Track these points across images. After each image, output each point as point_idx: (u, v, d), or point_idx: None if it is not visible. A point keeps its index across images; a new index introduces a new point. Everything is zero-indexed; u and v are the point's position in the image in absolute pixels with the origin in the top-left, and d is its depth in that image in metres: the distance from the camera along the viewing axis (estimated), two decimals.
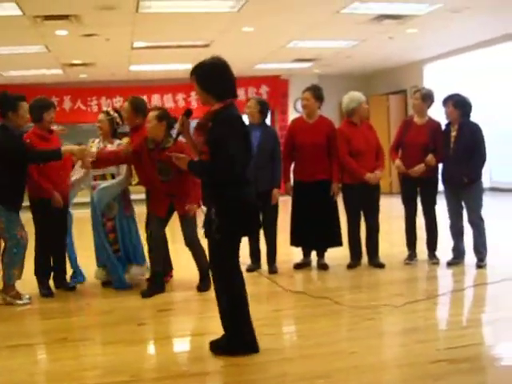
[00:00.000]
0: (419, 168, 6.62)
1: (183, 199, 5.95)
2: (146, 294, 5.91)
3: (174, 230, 6.61)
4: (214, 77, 4.11)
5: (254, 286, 4.30)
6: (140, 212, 6.46)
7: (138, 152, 5.98)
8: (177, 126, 4.17)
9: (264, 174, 6.34)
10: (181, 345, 4.76)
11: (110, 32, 10.09)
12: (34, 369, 4.30)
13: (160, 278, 6.08)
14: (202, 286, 6.07)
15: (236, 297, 4.17)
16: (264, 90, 15.89)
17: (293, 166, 6.88)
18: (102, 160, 6.07)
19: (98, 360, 4.30)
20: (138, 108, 6.33)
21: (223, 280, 4.19)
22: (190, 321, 5.27)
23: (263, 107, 6.71)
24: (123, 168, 6.32)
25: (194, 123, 4.27)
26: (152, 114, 5.91)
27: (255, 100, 6.84)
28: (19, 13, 8.60)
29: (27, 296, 5.90)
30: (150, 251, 6.10)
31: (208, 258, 4.34)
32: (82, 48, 11.42)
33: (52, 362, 4.35)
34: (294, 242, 6.94)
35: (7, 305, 5.77)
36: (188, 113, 4.29)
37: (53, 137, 6.30)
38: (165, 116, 5.93)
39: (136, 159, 6.03)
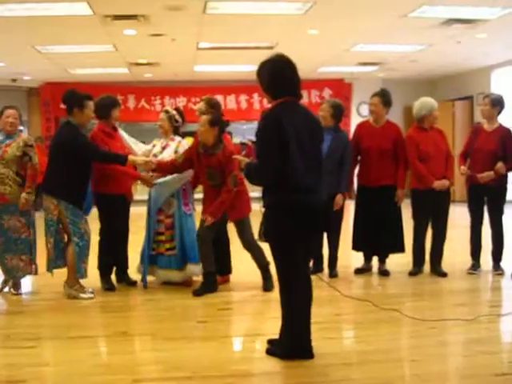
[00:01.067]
0: (488, 175, 6.46)
1: (232, 205, 5.99)
2: (198, 293, 5.94)
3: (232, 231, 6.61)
4: (270, 75, 4.10)
5: (314, 289, 4.25)
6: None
7: (188, 158, 6.05)
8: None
9: (332, 178, 6.26)
10: (240, 344, 4.77)
11: (177, 32, 10.20)
12: (94, 361, 4.37)
13: (211, 277, 6.08)
14: (266, 286, 6.08)
15: (298, 300, 4.14)
16: (327, 92, 15.80)
17: (357, 170, 6.82)
18: (162, 168, 6.18)
19: (158, 355, 4.35)
20: (213, 108, 6.38)
21: (284, 282, 4.16)
22: (250, 321, 5.27)
23: (336, 111, 6.58)
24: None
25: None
26: (205, 118, 5.93)
27: (329, 103, 6.73)
28: (90, 12, 8.77)
29: (90, 290, 6.01)
30: (199, 252, 6.15)
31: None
32: (148, 48, 11.58)
33: (113, 355, 4.40)
34: (356, 246, 6.87)
35: (71, 298, 5.89)
36: None
37: (116, 134, 6.43)
38: (217, 121, 5.96)
39: (189, 165, 6.10)
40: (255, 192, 5.55)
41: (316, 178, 4.11)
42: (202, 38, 10.82)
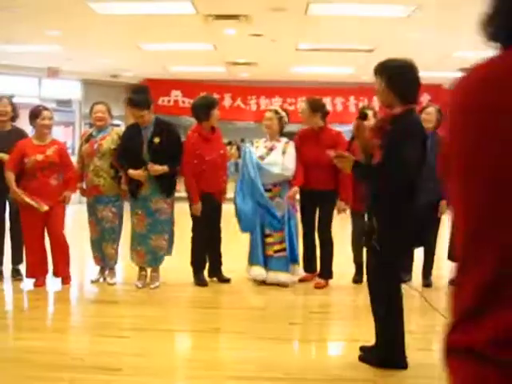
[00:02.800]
0: None
1: None
2: None
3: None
4: (403, 76, 3.95)
5: (406, 298, 4.15)
6: None
7: None
8: (351, 129, 4.07)
9: (434, 184, 6.10)
10: (333, 349, 4.73)
11: (277, 33, 10.21)
12: (188, 354, 4.49)
13: None
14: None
15: (394, 309, 4.05)
16: (425, 98, 15.45)
17: None
18: None
19: (250, 354, 4.35)
20: (316, 106, 6.37)
21: (382, 291, 4.08)
22: (343, 325, 5.21)
23: (440, 116, 6.45)
24: (288, 160, 6.38)
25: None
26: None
27: (435, 107, 6.59)
28: (193, 11, 8.90)
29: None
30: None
31: (366, 267, 4.26)
32: (247, 47, 11.66)
33: (205, 351, 4.44)
34: (452, 256, 6.66)
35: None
36: (363, 115, 4.20)
37: (215, 136, 6.45)
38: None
39: None
40: None
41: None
42: (302, 39, 10.79)
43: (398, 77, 3.94)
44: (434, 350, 4.68)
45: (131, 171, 6.03)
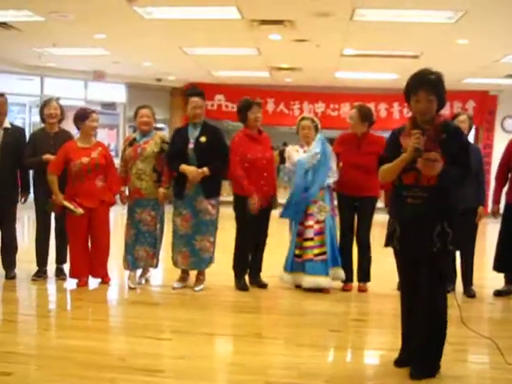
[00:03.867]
0: None
1: None
2: None
3: None
4: (444, 86, 3.99)
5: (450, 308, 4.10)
6: None
7: None
8: (410, 142, 3.95)
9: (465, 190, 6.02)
10: (373, 357, 4.66)
11: (322, 38, 10.19)
12: (228, 358, 4.50)
13: None
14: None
15: (445, 318, 4.03)
16: (470, 105, 15.25)
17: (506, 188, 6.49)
18: None
19: (291, 360, 4.33)
20: (366, 116, 6.34)
21: (441, 300, 4.04)
22: (383, 334, 5.13)
23: (472, 124, 6.42)
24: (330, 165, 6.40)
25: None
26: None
27: (468, 115, 6.52)
28: (238, 16, 8.94)
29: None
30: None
31: (429, 275, 4.12)
32: (291, 53, 11.66)
33: (246, 355, 4.42)
34: (498, 267, 6.53)
35: None
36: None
37: (261, 138, 6.46)
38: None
39: None
40: None
41: None
42: (347, 45, 10.74)
43: (443, 86, 3.98)
44: (474, 362, 4.60)
45: (184, 166, 6.08)
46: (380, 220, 6.51)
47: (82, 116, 6.35)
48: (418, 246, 4.00)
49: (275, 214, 6.56)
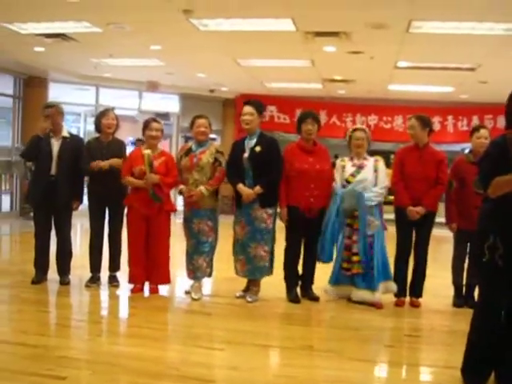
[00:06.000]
0: None
1: None
2: None
3: None
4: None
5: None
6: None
7: None
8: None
9: None
10: (428, 374, 4.57)
11: (376, 50, 10.15)
12: (279, 371, 4.46)
13: None
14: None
15: None
16: None
17: None
18: None
19: (342, 374, 4.28)
20: (426, 122, 6.31)
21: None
22: (438, 351, 5.03)
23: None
24: (381, 179, 6.36)
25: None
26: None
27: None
28: (293, 29, 8.97)
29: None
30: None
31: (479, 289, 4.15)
32: (345, 65, 11.64)
33: (297, 368, 4.38)
34: None
35: None
36: None
37: (317, 150, 6.45)
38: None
39: None
40: None
41: None
42: (402, 57, 10.67)
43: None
44: None
45: (241, 187, 6.17)
46: (435, 235, 6.45)
47: (144, 125, 6.52)
48: None
49: None
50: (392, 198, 6.53)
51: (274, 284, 6.50)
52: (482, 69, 11.02)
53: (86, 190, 6.83)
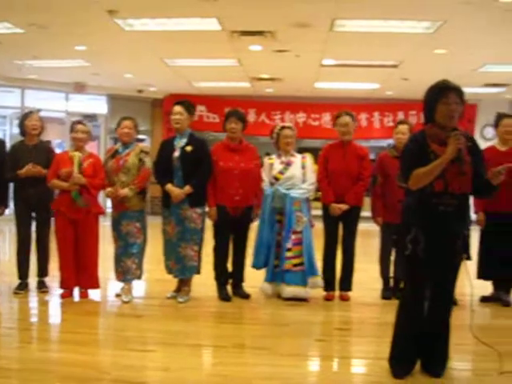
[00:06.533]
0: None
1: None
2: None
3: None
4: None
5: None
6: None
7: None
8: (452, 143, 4.03)
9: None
10: (358, 366, 4.67)
11: (301, 49, 10.27)
12: (210, 370, 4.47)
13: None
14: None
15: None
16: None
17: None
18: None
19: (273, 370, 4.32)
20: (355, 120, 6.53)
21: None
22: (367, 343, 5.14)
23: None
24: (309, 175, 6.45)
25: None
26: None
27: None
28: (219, 28, 9.00)
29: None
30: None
31: (451, 282, 4.27)
32: (271, 63, 11.73)
33: (229, 366, 4.41)
34: (484, 275, 6.57)
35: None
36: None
37: (242, 148, 6.49)
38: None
39: None
40: None
41: None
42: (327, 55, 10.83)
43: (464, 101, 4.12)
44: (468, 370, 4.62)
45: (170, 187, 6.14)
46: (363, 229, 6.59)
47: (70, 127, 6.45)
48: (444, 255, 4.09)
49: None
50: (320, 194, 6.64)
51: (205, 283, 6.52)
52: (404, 66, 11.30)
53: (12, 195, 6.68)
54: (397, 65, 11.38)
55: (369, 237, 7.43)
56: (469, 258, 4.20)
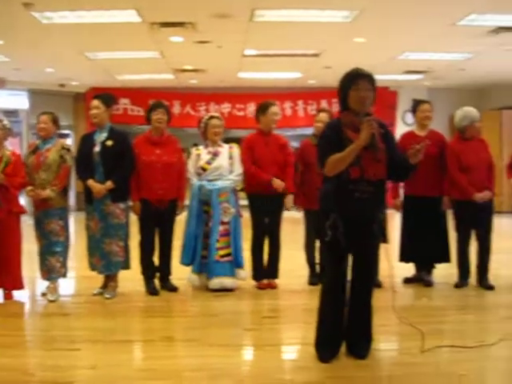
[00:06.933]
0: None
1: None
2: None
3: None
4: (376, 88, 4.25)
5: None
6: None
7: None
8: (365, 129, 4.09)
9: None
10: (286, 353, 4.75)
11: (223, 39, 10.27)
12: (140, 365, 4.45)
13: None
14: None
15: None
16: None
17: None
18: None
19: (203, 362, 4.34)
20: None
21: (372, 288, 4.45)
22: (294, 329, 5.24)
23: None
24: (236, 165, 6.48)
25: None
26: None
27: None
28: (138, 20, 8.90)
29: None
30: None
31: (370, 265, 4.42)
32: (194, 54, 11.69)
33: (157, 360, 4.41)
34: (405, 257, 6.78)
35: None
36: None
37: (165, 141, 6.46)
38: None
39: None
40: None
41: None
42: (248, 45, 10.87)
43: (375, 87, 4.22)
44: (389, 350, 4.75)
45: (91, 182, 6.05)
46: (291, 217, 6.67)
47: None
48: (362, 240, 4.22)
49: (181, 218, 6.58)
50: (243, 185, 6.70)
51: (132, 278, 6.48)
52: (325, 54, 11.46)
53: None
54: (318, 54, 11.52)
55: (297, 224, 7.51)
56: (385, 241, 4.34)
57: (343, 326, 4.36)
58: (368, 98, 4.14)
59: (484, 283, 6.58)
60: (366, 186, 4.10)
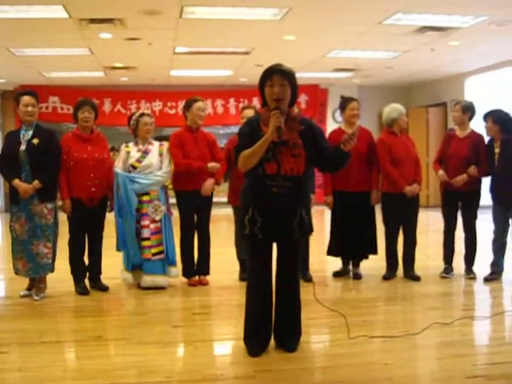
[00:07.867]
0: (462, 178, 6.56)
1: None
2: None
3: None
4: (296, 80, 4.27)
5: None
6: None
7: None
8: (272, 122, 4.05)
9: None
10: (215, 348, 4.77)
11: (153, 36, 10.18)
12: (67, 366, 4.37)
13: None
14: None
15: None
16: (303, 98, 15.85)
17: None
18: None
19: (132, 360, 4.31)
20: None
21: (299, 281, 4.55)
22: (225, 325, 5.28)
23: None
24: (165, 162, 6.46)
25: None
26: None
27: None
28: (66, 16, 8.72)
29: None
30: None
31: (294, 259, 4.45)
32: (124, 51, 11.53)
33: (86, 360, 4.36)
34: (333, 252, 6.91)
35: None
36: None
37: (94, 138, 6.38)
38: None
39: None
40: None
41: None
42: (179, 43, 10.80)
43: (295, 80, 4.25)
44: (312, 342, 4.83)
45: (17, 182, 5.90)
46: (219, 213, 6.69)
47: None
48: (281, 234, 4.25)
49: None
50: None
51: (61, 279, 6.37)
52: (255, 52, 11.49)
53: None
54: (249, 51, 11.55)
55: (226, 221, 7.55)
56: (311, 233, 4.42)
57: (271, 320, 4.41)
58: (282, 93, 4.16)
59: (410, 274, 6.76)
60: (282, 182, 4.16)
